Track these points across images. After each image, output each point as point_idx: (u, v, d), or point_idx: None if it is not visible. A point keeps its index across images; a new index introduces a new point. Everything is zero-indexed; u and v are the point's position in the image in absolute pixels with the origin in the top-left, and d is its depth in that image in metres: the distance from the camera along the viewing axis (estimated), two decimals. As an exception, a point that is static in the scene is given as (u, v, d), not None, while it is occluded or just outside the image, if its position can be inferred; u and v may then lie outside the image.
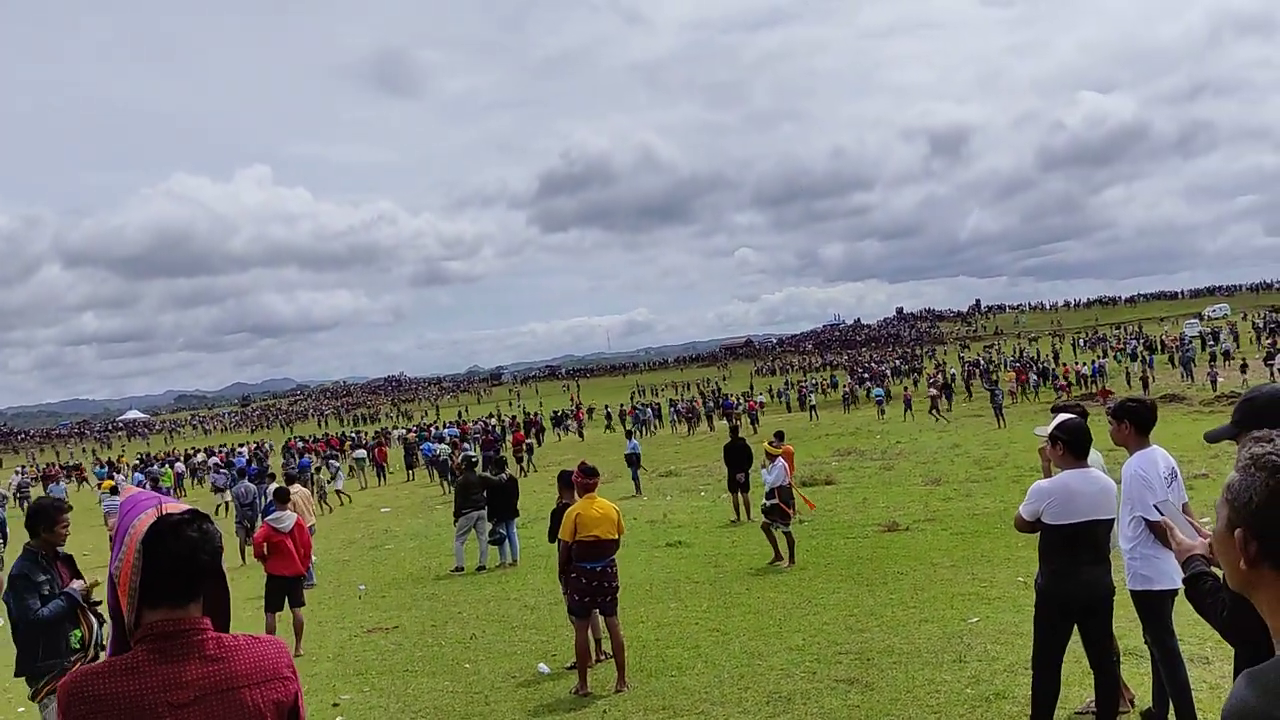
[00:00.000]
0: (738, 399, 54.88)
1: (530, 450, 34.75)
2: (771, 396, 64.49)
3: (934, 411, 41.16)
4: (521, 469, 32.63)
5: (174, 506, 2.56)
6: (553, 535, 9.52)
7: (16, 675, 5.87)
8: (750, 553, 13.45)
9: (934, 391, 44.19)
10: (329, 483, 27.94)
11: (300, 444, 51.62)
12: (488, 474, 15.72)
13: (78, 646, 5.83)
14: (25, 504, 33.63)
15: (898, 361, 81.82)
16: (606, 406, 60.87)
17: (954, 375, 55.54)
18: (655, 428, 51.19)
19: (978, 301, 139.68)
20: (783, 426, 26.25)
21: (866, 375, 71.74)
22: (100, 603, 6.07)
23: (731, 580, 12.14)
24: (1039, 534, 5.53)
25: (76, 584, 5.94)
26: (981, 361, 66.55)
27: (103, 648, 5.80)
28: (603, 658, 8.71)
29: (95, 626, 5.93)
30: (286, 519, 10.78)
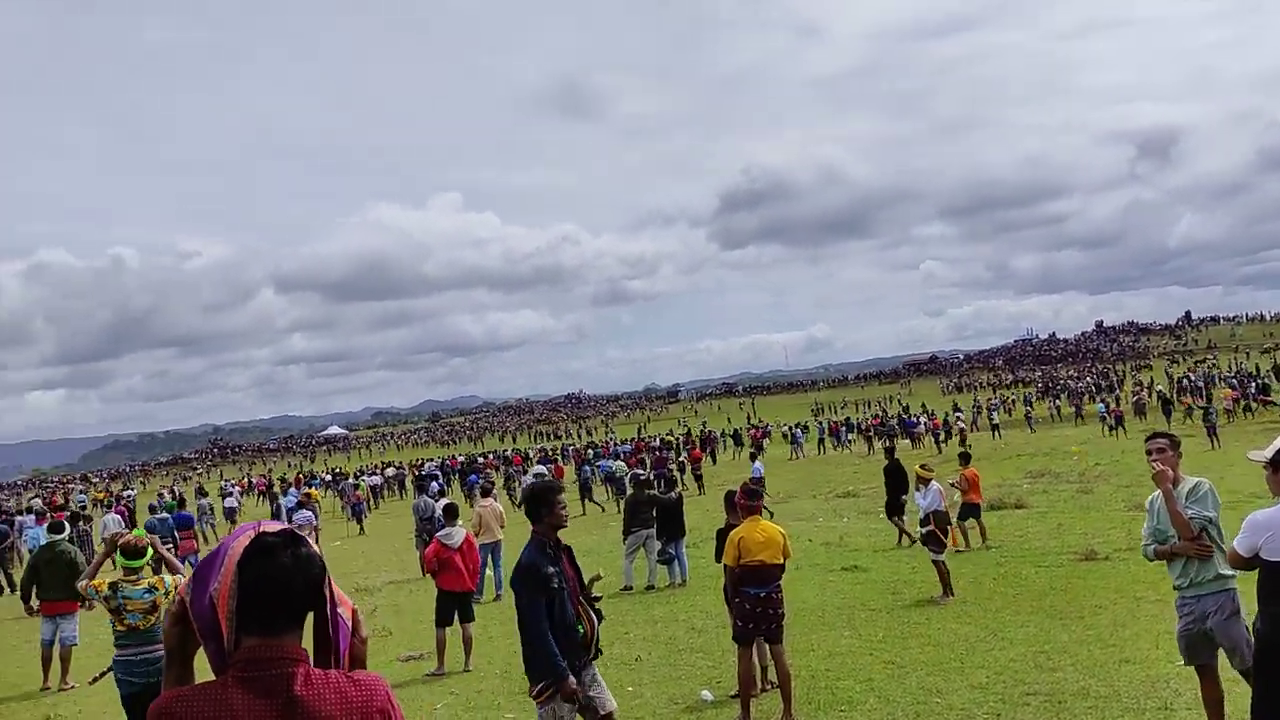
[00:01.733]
0: (920, 417, 53.08)
1: (699, 466, 34.55)
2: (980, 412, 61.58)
3: (1118, 429, 39.28)
4: (698, 487, 32.44)
5: (272, 527, 2.44)
6: (719, 556, 9.18)
7: (529, 671, 5.57)
8: (932, 580, 12.71)
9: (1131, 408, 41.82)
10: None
11: (480, 460, 53.03)
12: (656, 492, 15.54)
13: (582, 642, 5.58)
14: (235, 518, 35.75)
15: (1096, 378, 77.49)
16: (784, 424, 59.99)
17: (1161, 393, 51.90)
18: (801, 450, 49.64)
19: (1188, 313, 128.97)
20: (967, 447, 25.13)
21: (1062, 393, 68.21)
22: (600, 598, 6.02)
23: (910, 609, 11.50)
24: (1257, 571, 4.85)
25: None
26: (1191, 378, 62.08)
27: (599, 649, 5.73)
28: (768, 687, 8.32)
29: (596, 622, 5.69)
30: (456, 535, 10.86)
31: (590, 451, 46.86)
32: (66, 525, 14.45)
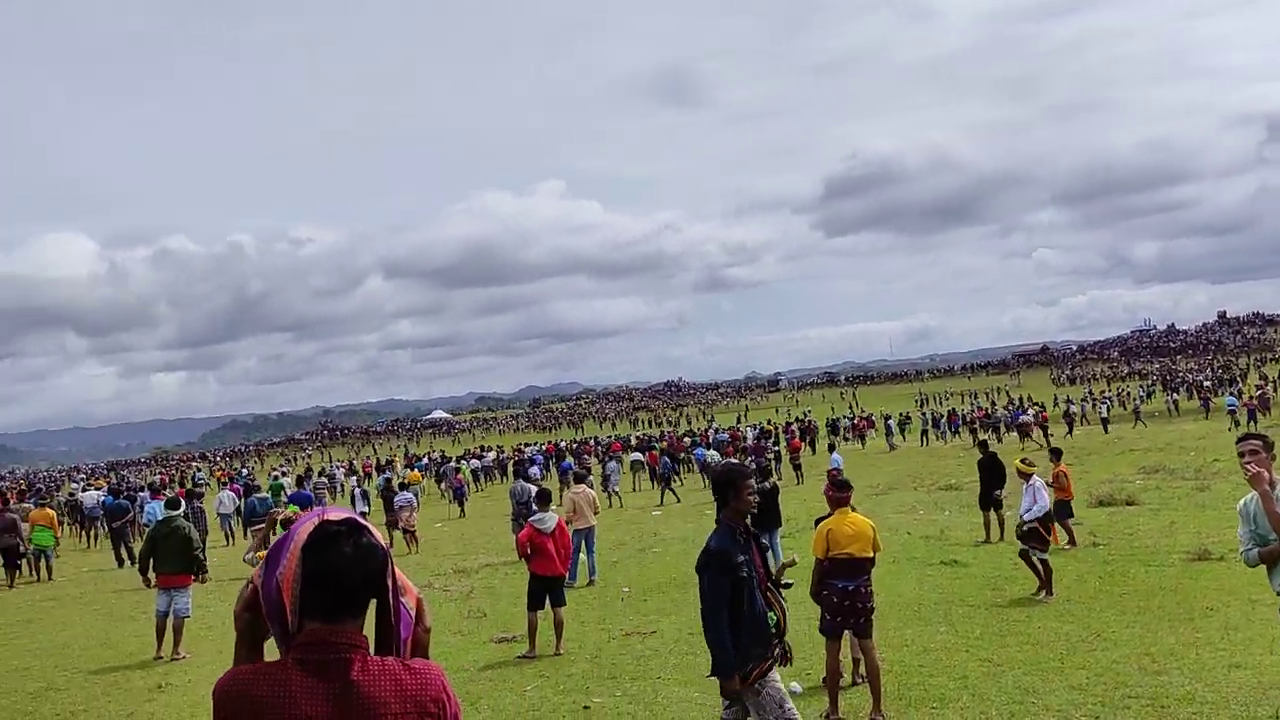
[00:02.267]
0: (1028, 409, 51.66)
1: (798, 456, 34.23)
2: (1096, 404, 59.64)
3: (1252, 422, 37.32)
4: (797, 477, 32.20)
5: (335, 515, 2.48)
6: None
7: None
8: (1033, 577, 12.39)
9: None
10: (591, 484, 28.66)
11: (577, 446, 53.46)
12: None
13: (774, 630, 5.40)
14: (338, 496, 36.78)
15: (1217, 371, 74.35)
16: (885, 414, 59.04)
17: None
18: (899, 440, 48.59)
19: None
20: (1081, 441, 24.38)
21: (1179, 386, 65.65)
22: (791, 585, 5.91)
23: (1009, 606, 11.21)
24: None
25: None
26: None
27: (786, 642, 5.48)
28: (859, 681, 8.21)
29: (786, 610, 5.50)
30: (548, 520, 10.97)
31: (688, 439, 46.85)
32: (182, 502, 15.07)
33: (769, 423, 62.65)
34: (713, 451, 34.43)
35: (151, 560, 11.79)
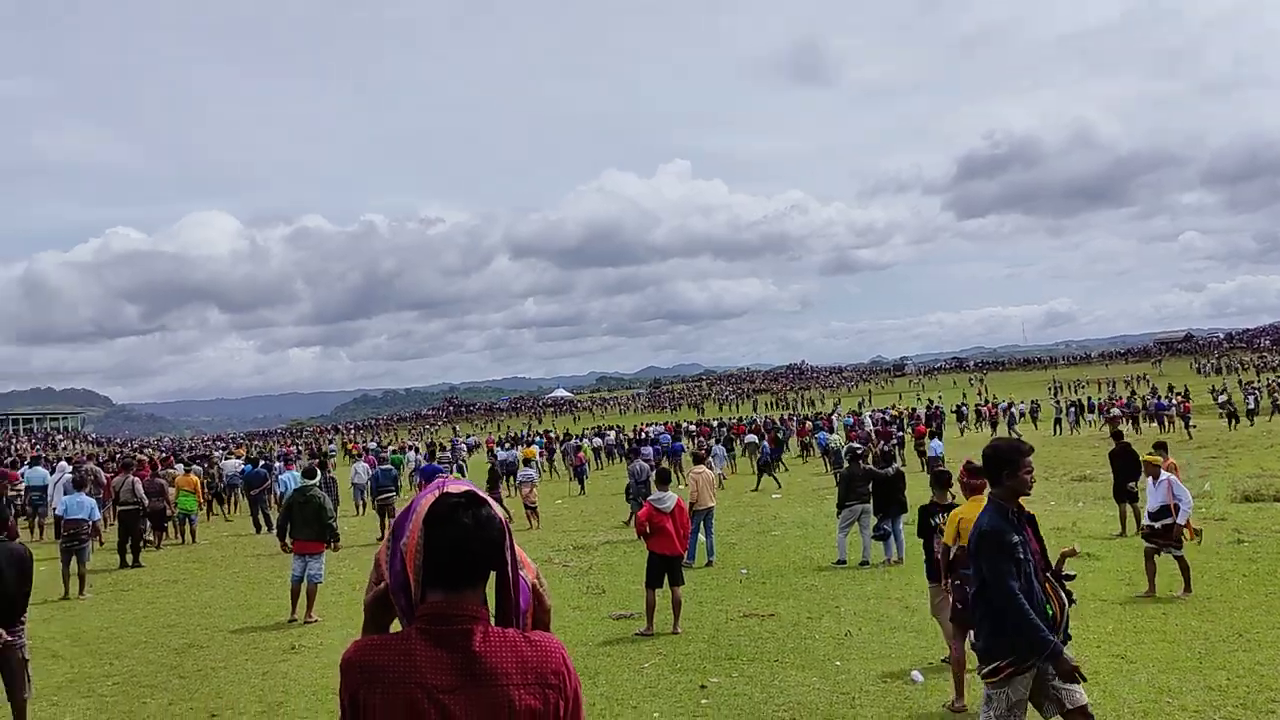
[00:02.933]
0: (1170, 399, 49.41)
1: (922, 442, 33.43)
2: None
3: None
4: (922, 464, 31.53)
5: (456, 487, 2.51)
6: (920, 532, 9.04)
7: (989, 646, 4.93)
8: (1172, 572, 11.87)
9: None
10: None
11: (695, 427, 53.40)
12: (872, 466, 15.20)
13: (1050, 623, 4.84)
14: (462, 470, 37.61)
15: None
16: (1011, 401, 57.26)
17: None
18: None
19: None
20: (1226, 433, 23.20)
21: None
22: (1075, 576, 5.56)
23: (1144, 602, 10.79)
24: None
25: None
26: None
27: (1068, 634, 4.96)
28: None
29: (1067, 604, 5.01)
30: (667, 500, 11.00)
31: (810, 423, 46.35)
32: (318, 472, 15.64)
33: (894, 408, 61.54)
34: (836, 435, 33.99)
35: (288, 527, 12.26)
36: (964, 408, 56.58)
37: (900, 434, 37.71)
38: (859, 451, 16.06)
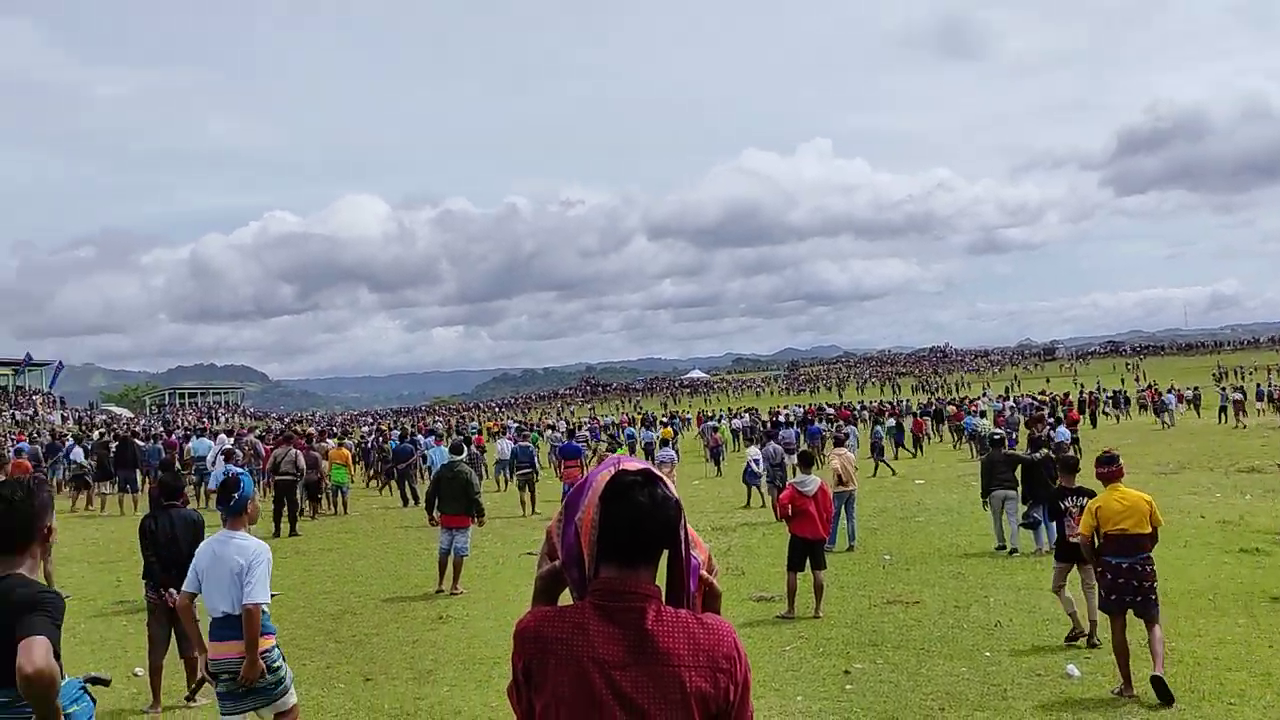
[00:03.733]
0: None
1: (1075, 429, 32.13)
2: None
3: None
4: (1075, 451, 30.34)
5: (631, 465, 2.52)
6: (1050, 514, 9.47)
7: None
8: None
9: None
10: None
11: (830, 410, 52.62)
12: (1016, 452, 14.68)
13: None
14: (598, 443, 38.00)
15: None
16: (1172, 387, 54.44)
17: None
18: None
19: None
20: None
21: None
22: None
23: (1323, 602, 10.09)
24: None
25: None
26: None
27: None
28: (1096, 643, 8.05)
29: None
30: (810, 483, 10.85)
31: (952, 407, 45.13)
32: (465, 448, 16.03)
33: (1043, 393, 59.41)
34: (984, 420, 32.98)
35: (435, 501, 12.60)
36: (1121, 394, 54.16)
37: (1052, 420, 36.29)
38: (998, 437, 15.57)
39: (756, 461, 21.16)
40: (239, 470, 15.78)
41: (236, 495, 5.82)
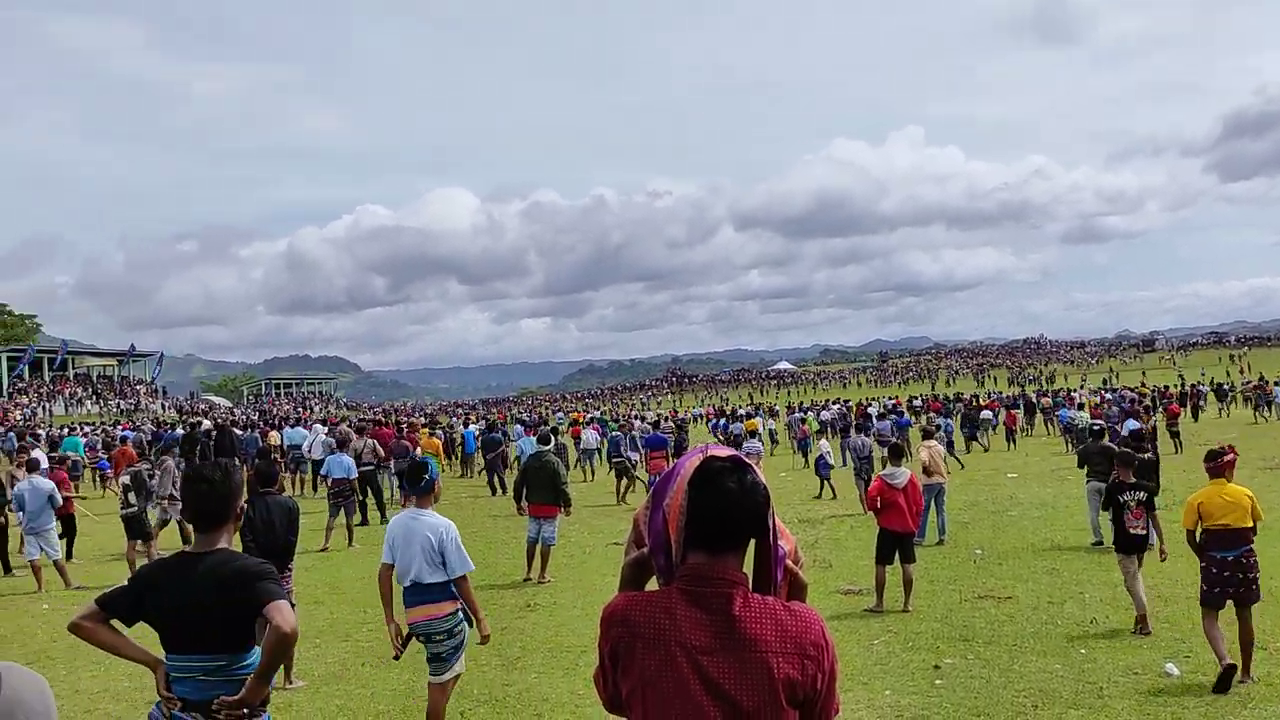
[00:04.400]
0: None
1: (1175, 422, 31.10)
2: None
3: None
4: (1175, 445, 29.40)
5: (720, 452, 2.53)
6: (1106, 505, 9.45)
7: None
8: None
9: None
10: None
11: (917, 402, 51.84)
12: (1111, 445, 14.26)
13: None
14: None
15: None
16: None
17: None
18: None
19: None
20: None
21: None
22: None
23: None
24: None
25: None
26: None
27: None
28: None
29: None
30: (900, 475, 10.71)
31: (1049, 399, 44.09)
32: (553, 438, 16.21)
33: (1142, 385, 57.64)
34: (1082, 413, 32.12)
35: (523, 490, 12.75)
36: (1226, 386, 52.22)
37: (1154, 413, 35.19)
38: (1099, 428, 15.15)
39: (828, 454, 21.57)
40: (426, 457, 16.47)
41: (426, 477, 6.47)
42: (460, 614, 6.25)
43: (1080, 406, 37.05)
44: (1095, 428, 15.49)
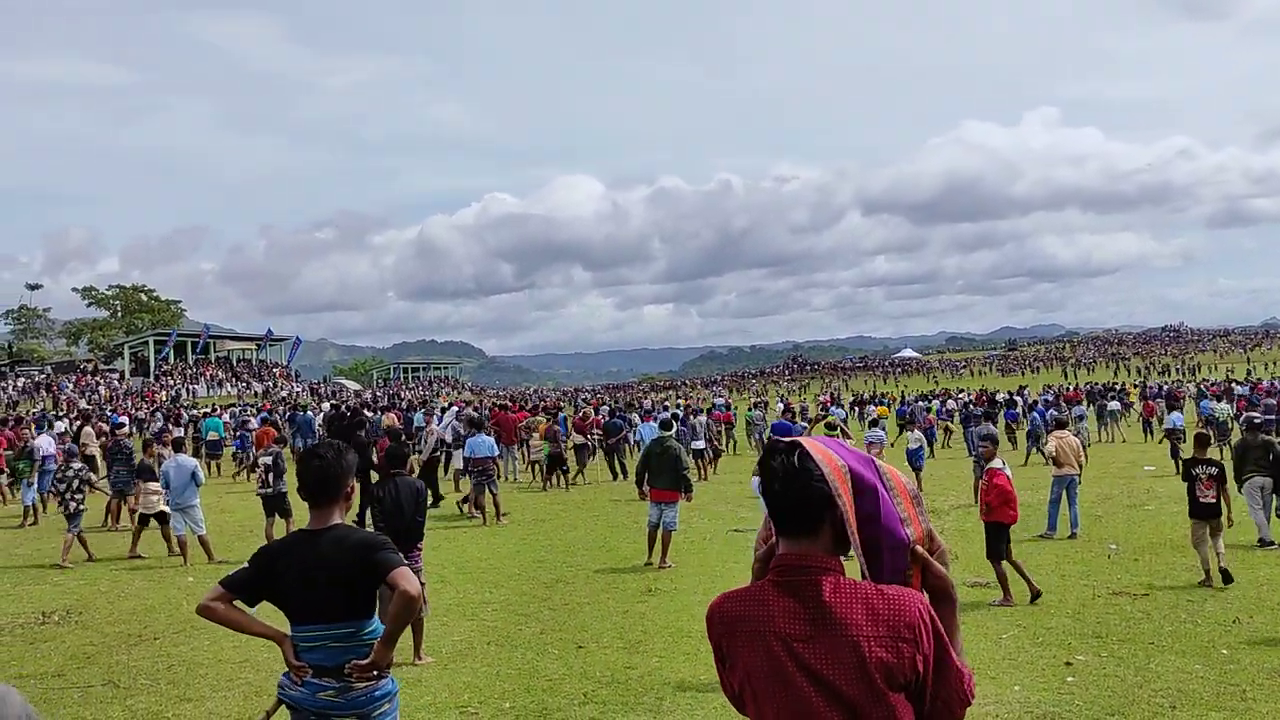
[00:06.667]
0: None
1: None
2: None
3: None
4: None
5: (811, 441, 2.52)
6: (1184, 477, 9.66)
7: None
8: None
9: None
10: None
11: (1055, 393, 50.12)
12: (1271, 437, 13.55)
13: None
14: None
15: None
16: None
17: None
18: None
19: None
20: None
21: None
22: None
23: None
24: None
25: None
26: None
27: None
28: None
29: None
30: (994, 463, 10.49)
31: (1190, 388, 42.22)
32: (675, 424, 16.33)
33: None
34: (1222, 404, 30.65)
35: (645, 475, 12.86)
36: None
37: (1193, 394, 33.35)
38: (1257, 421, 14.38)
39: (920, 443, 21.73)
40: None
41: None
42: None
43: (1218, 398, 35.31)
44: (1255, 420, 14.58)
